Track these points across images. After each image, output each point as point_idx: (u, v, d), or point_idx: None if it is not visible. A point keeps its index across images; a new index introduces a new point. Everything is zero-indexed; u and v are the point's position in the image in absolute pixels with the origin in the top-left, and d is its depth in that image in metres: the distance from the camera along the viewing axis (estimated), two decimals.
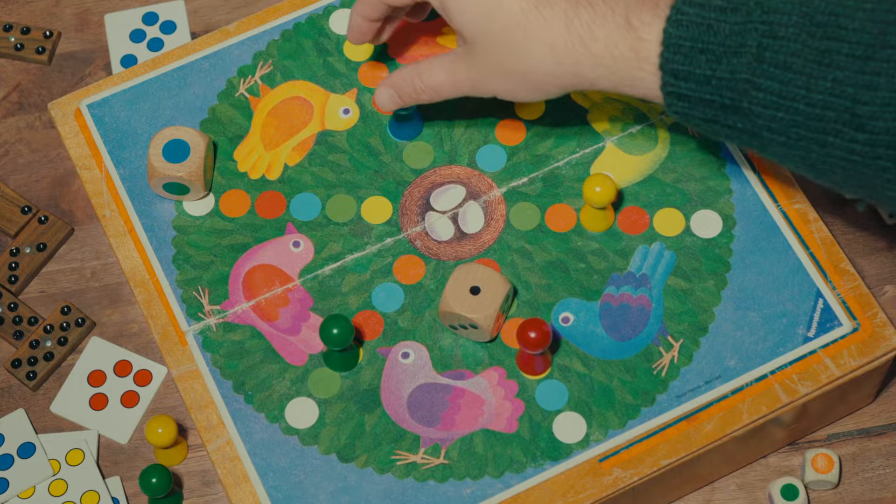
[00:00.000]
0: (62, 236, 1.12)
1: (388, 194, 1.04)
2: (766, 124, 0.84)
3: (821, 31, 0.81)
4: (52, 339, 1.09)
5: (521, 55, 0.90)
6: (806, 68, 0.81)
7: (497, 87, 0.94)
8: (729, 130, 0.86)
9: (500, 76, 0.93)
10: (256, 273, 1.02)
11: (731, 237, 1.01)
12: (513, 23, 0.90)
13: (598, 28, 0.87)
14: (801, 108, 0.82)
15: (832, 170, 0.84)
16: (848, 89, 0.80)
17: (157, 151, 1.02)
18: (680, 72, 0.85)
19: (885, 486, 1.03)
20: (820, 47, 0.81)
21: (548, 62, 0.89)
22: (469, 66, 0.94)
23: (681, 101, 0.86)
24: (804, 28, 0.81)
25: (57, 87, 1.18)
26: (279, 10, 1.10)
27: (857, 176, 0.83)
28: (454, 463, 0.96)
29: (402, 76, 0.98)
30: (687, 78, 0.85)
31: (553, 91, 0.92)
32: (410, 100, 0.99)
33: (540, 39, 0.89)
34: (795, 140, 0.83)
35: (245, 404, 0.98)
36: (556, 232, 1.02)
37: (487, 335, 0.97)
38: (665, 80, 0.86)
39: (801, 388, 0.97)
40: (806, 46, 0.81)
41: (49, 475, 1.04)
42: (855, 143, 0.81)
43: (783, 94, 0.82)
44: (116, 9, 1.20)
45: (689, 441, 0.96)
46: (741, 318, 0.99)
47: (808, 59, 0.81)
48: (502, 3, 0.90)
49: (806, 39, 0.81)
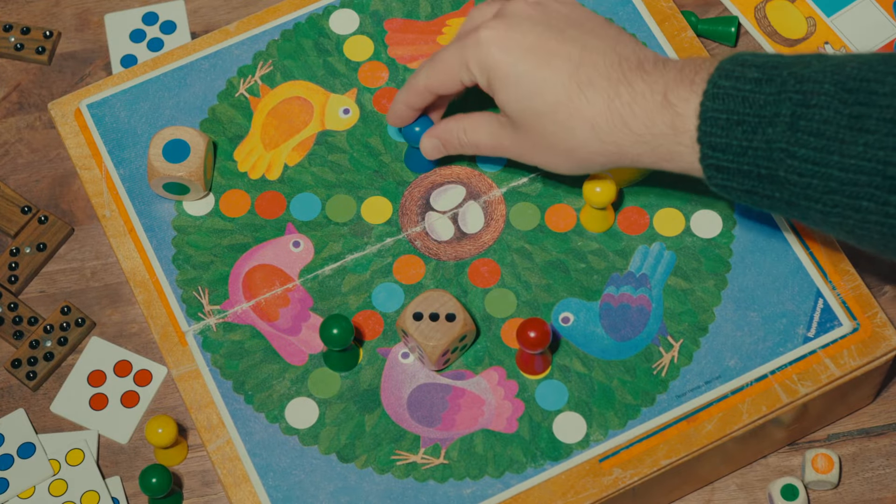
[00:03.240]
0: (62, 236, 1.12)
1: (388, 194, 1.04)
2: (803, 192, 0.84)
3: (852, 97, 0.82)
4: (52, 339, 1.09)
5: (564, 133, 0.92)
6: (838, 134, 0.82)
7: (540, 159, 0.95)
8: (768, 201, 0.86)
9: (544, 151, 0.94)
10: (256, 273, 1.02)
11: (731, 237, 1.01)
12: (556, 102, 0.91)
13: (637, 107, 0.89)
14: (835, 173, 0.82)
15: (870, 235, 0.84)
16: (879, 153, 0.81)
17: (157, 151, 1.02)
18: (717, 144, 0.86)
19: (885, 486, 1.03)
20: (852, 113, 0.81)
21: (591, 140, 0.91)
22: (513, 136, 0.95)
23: (719, 172, 0.87)
24: (836, 95, 0.82)
25: (57, 87, 1.18)
26: (279, 10, 1.10)
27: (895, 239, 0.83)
28: (454, 463, 0.96)
29: (447, 129, 0.99)
30: (724, 150, 0.86)
31: (595, 167, 0.93)
32: (454, 151, 1.00)
33: (582, 118, 0.90)
34: (832, 207, 0.84)
35: (245, 404, 0.98)
36: (556, 232, 1.02)
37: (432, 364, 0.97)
38: (703, 153, 0.87)
39: (801, 388, 0.97)
40: (838, 113, 0.82)
41: (49, 475, 1.04)
42: (889, 206, 0.82)
43: (817, 160, 0.83)
44: (116, 9, 1.20)
45: (689, 441, 0.96)
46: (741, 318, 0.99)
47: (841, 125, 0.82)
48: (546, 83, 0.91)
49: (838, 106, 0.82)
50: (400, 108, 1.00)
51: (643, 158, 0.90)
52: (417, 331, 0.95)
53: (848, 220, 0.84)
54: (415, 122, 1.01)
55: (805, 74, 0.84)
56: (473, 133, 0.98)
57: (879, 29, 1.16)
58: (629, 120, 0.89)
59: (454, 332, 0.95)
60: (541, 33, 0.92)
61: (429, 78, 0.97)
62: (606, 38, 0.92)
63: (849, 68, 0.83)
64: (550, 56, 0.92)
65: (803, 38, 1.16)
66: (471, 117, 0.98)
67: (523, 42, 0.92)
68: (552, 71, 0.91)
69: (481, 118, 0.98)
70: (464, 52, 0.94)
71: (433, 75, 0.97)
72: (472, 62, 0.94)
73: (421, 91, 0.98)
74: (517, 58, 0.92)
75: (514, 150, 0.96)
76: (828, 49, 1.15)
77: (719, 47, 1.17)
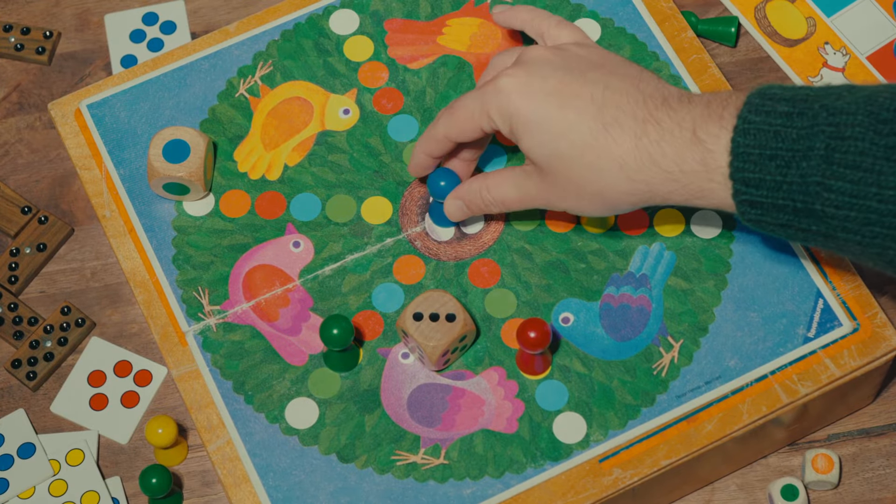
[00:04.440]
0: (62, 236, 1.12)
1: (388, 194, 1.04)
2: (841, 224, 0.84)
3: (887, 127, 0.81)
4: (52, 339, 1.09)
5: (593, 175, 0.90)
6: (875, 165, 0.81)
7: (569, 204, 0.94)
8: (804, 234, 0.86)
9: (573, 195, 0.93)
10: (256, 273, 1.02)
11: (731, 237, 1.01)
12: (582, 144, 0.90)
13: (666, 145, 0.88)
14: (874, 205, 0.82)
15: None
16: None
17: (157, 151, 1.02)
18: (751, 179, 0.85)
19: (885, 487, 1.03)
20: (888, 144, 0.81)
21: (620, 181, 0.90)
22: (540, 184, 0.94)
23: (753, 208, 0.86)
24: (871, 126, 0.82)
25: (57, 88, 1.18)
26: (279, 10, 1.10)
27: None
28: (454, 463, 0.96)
29: (470, 189, 0.98)
30: (758, 185, 0.85)
31: (625, 206, 0.92)
32: (479, 210, 0.98)
33: (610, 159, 0.89)
34: (871, 238, 0.83)
35: (245, 404, 0.98)
36: (556, 232, 1.02)
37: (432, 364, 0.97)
38: (736, 189, 0.86)
39: (801, 388, 0.97)
40: (873, 144, 0.81)
41: (49, 475, 1.04)
42: None
43: (854, 193, 0.82)
44: (116, 9, 1.20)
45: (689, 441, 0.96)
46: (741, 318, 0.99)
47: (877, 156, 0.81)
48: (571, 125, 0.90)
49: (873, 137, 0.81)
50: (420, 158, 0.99)
51: (674, 196, 0.89)
52: (417, 331, 0.95)
53: (888, 250, 0.83)
54: (440, 177, 1.00)
55: (837, 106, 0.83)
56: (497, 189, 0.96)
57: (879, 29, 1.16)
58: (658, 158, 0.88)
59: (454, 332, 0.95)
60: (561, 77, 0.92)
61: (448, 127, 0.96)
62: (628, 76, 0.91)
63: (881, 98, 0.82)
64: (573, 98, 0.91)
65: (803, 38, 1.16)
66: (493, 175, 0.97)
67: (544, 86, 0.91)
68: (576, 113, 0.90)
69: (504, 173, 0.96)
70: (484, 100, 0.93)
71: (453, 124, 0.95)
72: (492, 110, 0.93)
73: (440, 140, 0.97)
74: (539, 102, 0.91)
75: (541, 198, 0.94)
76: (828, 49, 1.15)
77: (719, 49, 1.17)
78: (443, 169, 1.00)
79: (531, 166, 0.94)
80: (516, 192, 0.95)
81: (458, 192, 0.99)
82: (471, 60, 1.08)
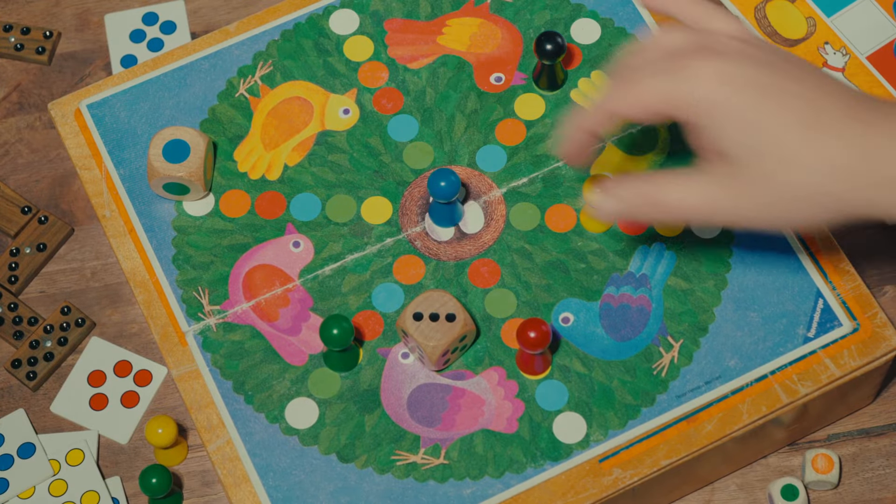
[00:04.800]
0: (62, 236, 1.12)
1: (388, 194, 1.04)
2: None
3: None
4: (52, 339, 1.09)
5: (795, 174, 0.82)
6: None
7: (764, 214, 0.84)
8: None
9: (770, 200, 0.83)
10: (256, 273, 1.02)
11: (731, 237, 1.01)
12: (787, 139, 0.82)
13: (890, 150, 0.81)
14: None
15: None
16: None
17: (157, 151, 1.02)
18: None
19: (885, 487, 1.03)
20: None
21: (829, 183, 0.82)
22: (729, 189, 0.84)
23: None
24: None
25: (57, 88, 1.18)
26: (279, 10, 1.10)
27: None
28: (454, 463, 0.96)
29: (634, 188, 0.87)
30: None
31: (823, 214, 0.83)
32: (642, 217, 0.87)
33: (821, 158, 0.82)
34: None
35: (245, 404, 0.98)
36: (556, 232, 1.02)
37: (432, 364, 0.97)
38: None
39: (801, 388, 0.97)
40: None
41: (49, 475, 1.04)
42: None
43: None
44: (116, 9, 1.20)
45: (689, 441, 0.96)
46: (741, 318, 0.99)
47: None
48: (775, 118, 0.83)
49: None
50: (579, 136, 0.89)
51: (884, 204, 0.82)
52: (417, 331, 0.95)
53: None
54: (440, 177, 0.98)
55: None
56: (676, 193, 0.85)
57: (879, 29, 1.16)
58: (879, 165, 0.81)
59: (454, 332, 0.95)
60: (759, 69, 0.84)
61: (623, 104, 0.86)
62: (823, 76, 0.85)
63: None
64: (778, 92, 0.83)
65: (803, 39, 1.16)
66: (663, 175, 0.86)
67: (744, 75, 0.83)
68: (779, 105, 0.83)
69: (680, 174, 0.86)
70: (674, 82, 0.84)
71: (631, 102, 0.85)
72: (682, 94, 0.84)
73: (609, 117, 0.87)
74: (741, 92, 0.83)
75: (729, 213, 0.84)
76: (828, 49, 1.15)
77: None
78: (443, 169, 0.99)
79: (717, 172, 0.85)
80: (702, 200, 0.85)
81: (618, 191, 0.88)
82: (471, 60, 1.08)
